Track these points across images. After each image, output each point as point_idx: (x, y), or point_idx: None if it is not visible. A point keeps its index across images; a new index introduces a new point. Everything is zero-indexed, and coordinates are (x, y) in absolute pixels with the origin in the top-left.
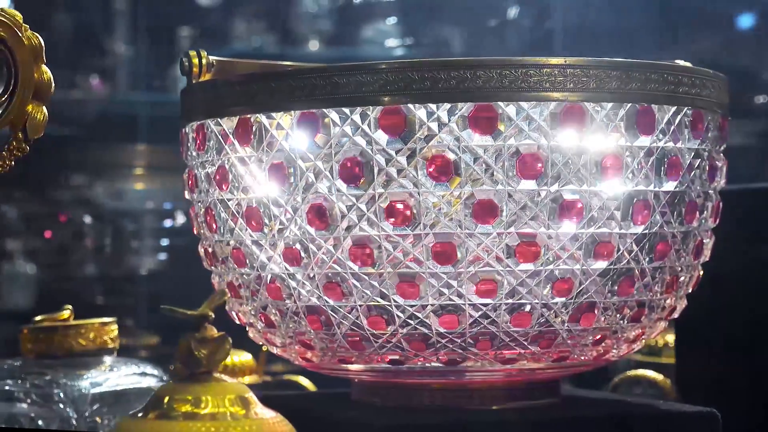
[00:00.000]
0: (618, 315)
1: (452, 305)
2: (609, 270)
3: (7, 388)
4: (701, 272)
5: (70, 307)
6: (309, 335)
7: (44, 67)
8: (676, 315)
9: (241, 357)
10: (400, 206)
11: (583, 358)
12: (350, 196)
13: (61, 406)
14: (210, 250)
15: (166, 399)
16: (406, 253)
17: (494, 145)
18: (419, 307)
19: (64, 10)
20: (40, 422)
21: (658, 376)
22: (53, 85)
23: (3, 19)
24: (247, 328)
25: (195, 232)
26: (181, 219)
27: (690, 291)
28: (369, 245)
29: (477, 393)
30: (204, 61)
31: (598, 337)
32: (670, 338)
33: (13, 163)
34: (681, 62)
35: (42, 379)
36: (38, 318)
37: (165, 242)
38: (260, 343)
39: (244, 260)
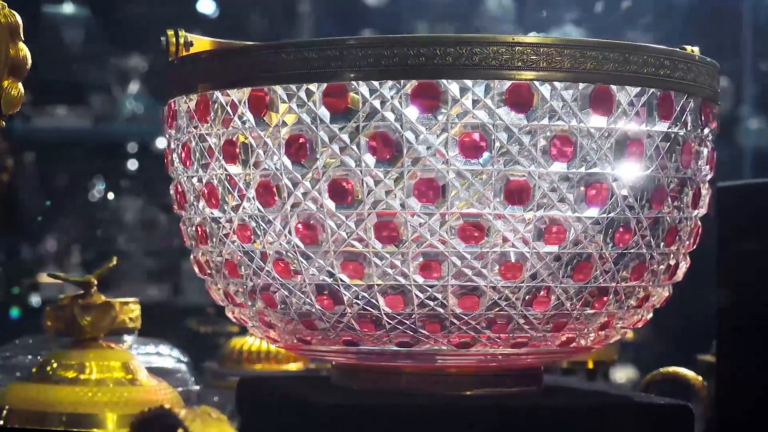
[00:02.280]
0: (577, 301)
1: (398, 286)
2: (563, 254)
3: (22, 362)
4: (685, 261)
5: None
6: (267, 314)
7: (21, 45)
8: (656, 304)
9: None
10: (343, 184)
11: (547, 344)
12: (296, 173)
13: None
14: (183, 227)
15: (51, 365)
16: (349, 231)
17: (437, 123)
18: (365, 287)
19: (258, 15)
20: None
21: (689, 374)
22: (29, 62)
23: None
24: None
25: (174, 210)
26: None
27: (673, 280)
28: (314, 223)
29: (452, 378)
30: (182, 40)
31: (558, 323)
32: None
33: None
34: (689, 48)
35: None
36: (62, 296)
37: None
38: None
39: (206, 238)
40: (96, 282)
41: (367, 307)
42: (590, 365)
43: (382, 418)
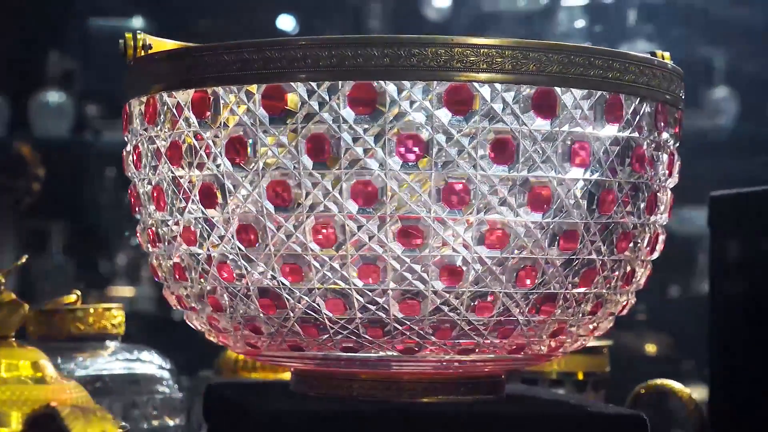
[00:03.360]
0: (525, 307)
1: (339, 290)
2: (506, 259)
3: None
4: (644, 268)
5: (78, 292)
6: (217, 319)
7: None
8: (614, 312)
9: None
10: (281, 186)
11: (496, 351)
12: (236, 176)
13: None
14: (138, 230)
15: None
16: (288, 234)
17: (375, 125)
18: (306, 291)
19: (332, 30)
20: None
21: (676, 386)
22: None
23: None
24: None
25: (133, 214)
26: None
27: (631, 287)
28: (254, 226)
29: (407, 385)
30: (140, 43)
31: (505, 329)
32: None
33: None
34: (659, 53)
35: None
36: (48, 302)
37: None
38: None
39: (157, 241)
40: (3, 280)
41: (309, 311)
42: (580, 376)
43: (334, 424)
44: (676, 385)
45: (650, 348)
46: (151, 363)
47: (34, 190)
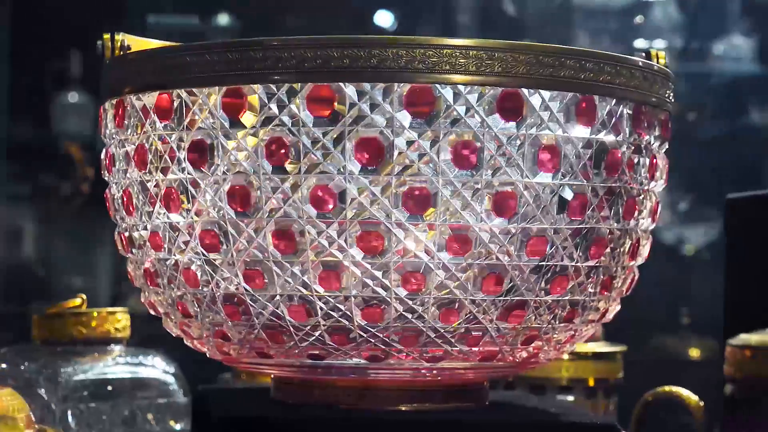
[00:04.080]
0: (494, 313)
1: (301, 296)
2: (471, 264)
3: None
4: (625, 274)
5: (83, 295)
6: (188, 325)
7: None
8: (596, 318)
9: None
10: (241, 191)
11: (466, 359)
12: (198, 180)
13: (42, 391)
14: (116, 234)
15: None
16: (249, 239)
17: (334, 128)
18: (269, 297)
19: (426, 26)
20: None
21: (684, 393)
22: None
23: None
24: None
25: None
26: None
27: (612, 294)
28: (216, 231)
29: (383, 393)
30: (118, 44)
31: (473, 336)
32: None
33: None
34: (654, 52)
35: (28, 364)
36: (52, 305)
37: None
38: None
39: (127, 245)
40: None
41: (273, 318)
42: (591, 383)
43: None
44: (684, 392)
45: (694, 352)
46: (154, 367)
47: (84, 191)
